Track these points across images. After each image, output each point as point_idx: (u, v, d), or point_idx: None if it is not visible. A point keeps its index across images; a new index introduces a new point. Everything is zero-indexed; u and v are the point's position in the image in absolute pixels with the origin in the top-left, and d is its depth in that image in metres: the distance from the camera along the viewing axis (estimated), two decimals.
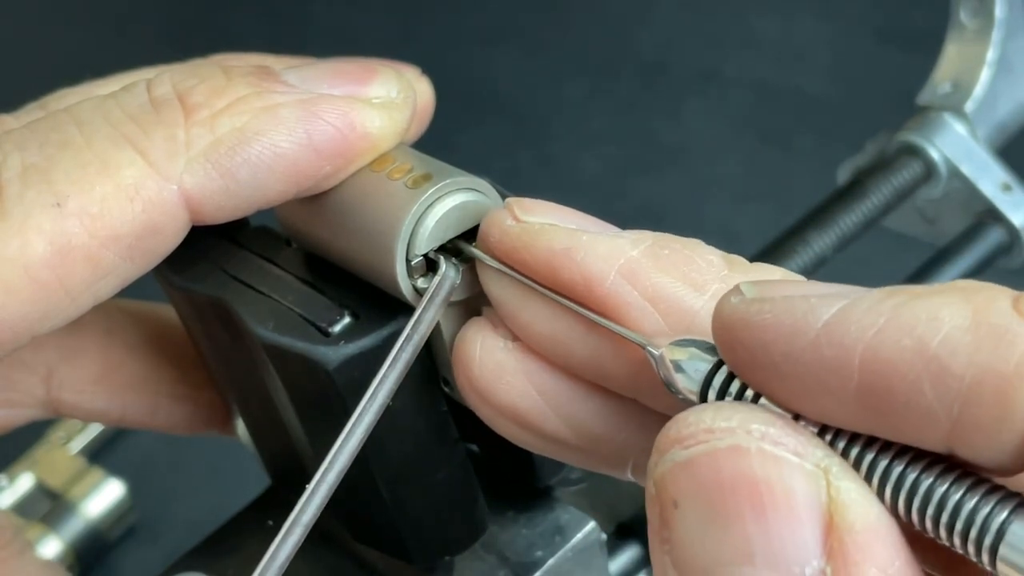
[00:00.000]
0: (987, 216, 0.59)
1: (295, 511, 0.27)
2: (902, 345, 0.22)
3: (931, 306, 0.22)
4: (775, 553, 0.23)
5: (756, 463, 0.23)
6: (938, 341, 0.22)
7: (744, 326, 0.24)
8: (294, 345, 0.31)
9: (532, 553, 0.37)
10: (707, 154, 0.92)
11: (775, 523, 0.23)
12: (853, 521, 0.23)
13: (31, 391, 0.40)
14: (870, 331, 0.22)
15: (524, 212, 0.29)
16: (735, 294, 0.25)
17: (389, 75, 0.33)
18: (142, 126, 0.30)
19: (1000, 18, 0.59)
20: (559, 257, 0.28)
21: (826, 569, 0.22)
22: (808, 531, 0.23)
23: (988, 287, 0.23)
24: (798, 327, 0.23)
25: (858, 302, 0.23)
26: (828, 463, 0.23)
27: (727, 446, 0.23)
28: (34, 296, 0.29)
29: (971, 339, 0.22)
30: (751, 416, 0.24)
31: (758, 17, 1.02)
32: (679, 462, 0.24)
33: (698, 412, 0.24)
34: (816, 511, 0.23)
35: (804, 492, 0.23)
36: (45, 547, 0.67)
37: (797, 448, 0.23)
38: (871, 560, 0.22)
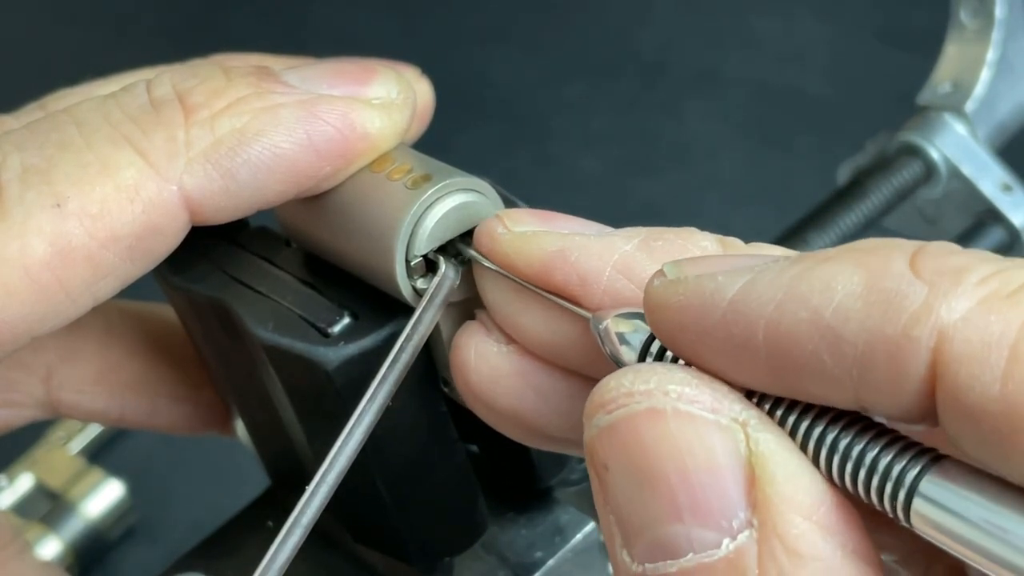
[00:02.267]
0: (987, 216, 0.59)
1: (295, 512, 0.27)
2: (799, 317, 0.23)
3: (825, 274, 0.23)
4: (702, 509, 0.23)
5: (673, 423, 0.24)
6: (831, 310, 0.22)
7: (664, 308, 0.25)
8: (293, 346, 0.31)
9: (532, 554, 0.37)
10: (707, 154, 0.92)
11: (697, 480, 0.23)
12: (774, 471, 0.23)
13: (31, 391, 0.40)
14: (770, 306, 0.23)
15: (514, 223, 0.29)
16: (658, 276, 0.25)
17: (389, 75, 0.33)
18: (142, 127, 0.30)
19: (1000, 18, 0.59)
20: (553, 259, 0.28)
21: (752, 520, 0.23)
22: (731, 484, 0.23)
23: (885, 245, 0.23)
24: (707, 306, 0.24)
25: (761, 276, 0.24)
26: (746, 416, 0.24)
27: (645, 408, 0.24)
28: (34, 297, 0.29)
29: (862, 305, 0.22)
30: (668, 377, 0.24)
31: (758, 17, 1.02)
32: (603, 427, 0.25)
33: (618, 376, 0.25)
34: (737, 464, 0.23)
35: (723, 447, 0.24)
36: (45, 547, 0.67)
37: (713, 405, 0.24)
38: (795, 508, 0.23)
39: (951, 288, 0.22)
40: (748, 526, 0.23)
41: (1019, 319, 0.21)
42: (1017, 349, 0.21)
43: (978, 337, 0.21)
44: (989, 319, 0.21)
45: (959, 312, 0.21)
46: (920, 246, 0.23)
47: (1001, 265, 0.22)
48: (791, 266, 0.24)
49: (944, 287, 0.22)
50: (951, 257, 0.22)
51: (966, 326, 0.21)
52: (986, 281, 0.22)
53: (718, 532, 0.23)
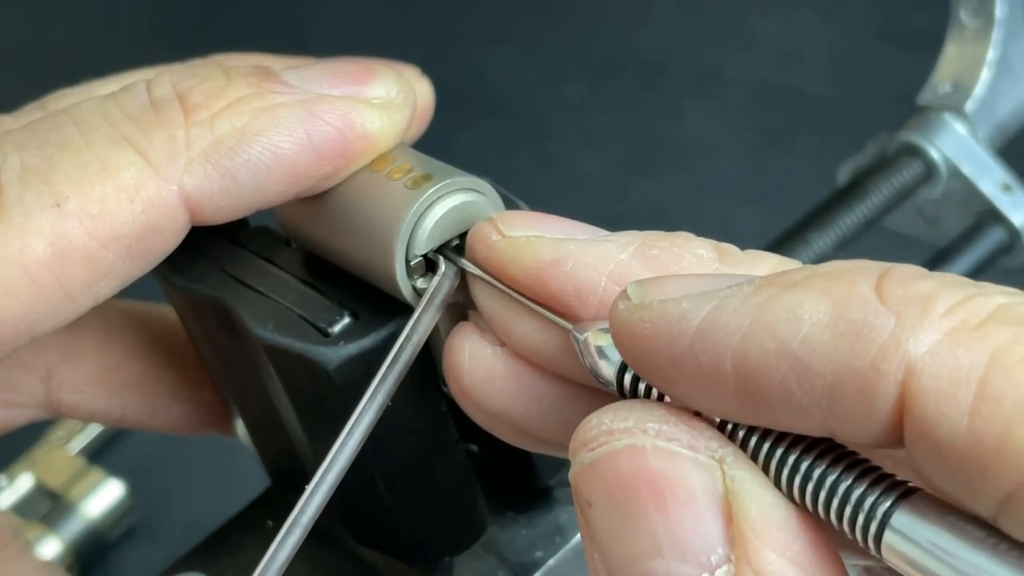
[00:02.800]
0: (987, 216, 0.59)
1: (295, 511, 0.27)
2: (766, 348, 0.23)
3: (792, 303, 0.23)
4: (681, 545, 0.23)
5: (652, 460, 0.24)
6: (798, 342, 0.22)
7: (630, 335, 0.25)
8: (293, 345, 0.31)
9: (532, 553, 0.37)
10: (707, 154, 0.92)
11: (677, 516, 0.24)
12: (748, 508, 0.23)
13: (31, 391, 0.40)
14: (737, 335, 0.23)
15: (508, 227, 0.29)
16: (622, 298, 0.25)
17: (389, 75, 0.33)
18: (142, 127, 0.30)
19: (1000, 18, 0.59)
20: (548, 269, 0.28)
21: (730, 555, 0.23)
22: (709, 521, 0.23)
23: (850, 270, 0.23)
24: (673, 334, 0.24)
25: (726, 302, 0.24)
26: (723, 454, 0.24)
27: (625, 446, 0.24)
28: (34, 297, 0.29)
29: (829, 336, 0.22)
30: (646, 415, 0.25)
31: (758, 17, 1.02)
32: (586, 464, 0.25)
33: (599, 414, 0.25)
34: (714, 501, 0.24)
35: (701, 484, 0.24)
36: (45, 547, 0.67)
37: (691, 442, 0.24)
38: (769, 545, 0.23)
39: (918, 320, 0.22)
40: (726, 561, 0.23)
41: (986, 354, 0.21)
42: (984, 385, 0.21)
43: (946, 372, 0.21)
44: (957, 353, 0.21)
45: (926, 345, 0.21)
46: (886, 270, 0.23)
47: (967, 292, 0.22)
48: (757, 292, 0.23)
49: (911, 318, 0.22)
50: (917, 283, 0.22)
51: (934, 360, 0.21)
52: (953, 311, 0.22)
53: (697, 568, 0.23)
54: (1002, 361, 0.21)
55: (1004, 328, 0.21)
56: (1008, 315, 0.22)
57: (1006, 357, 0.21)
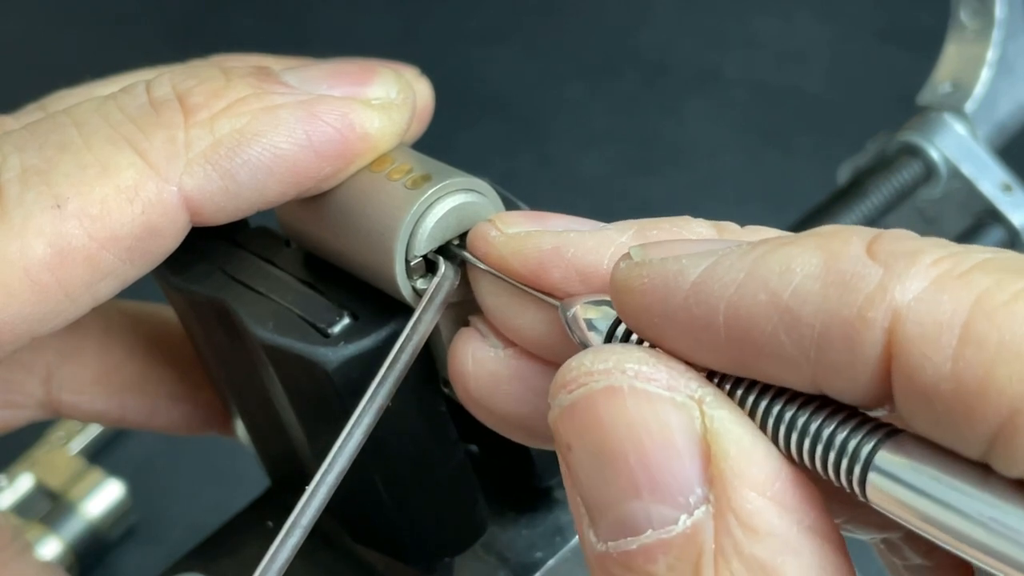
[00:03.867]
0: (987, 216, 0.59)
1: (294, 512, 0.27)
2: (758, 299, 0.23)
3: (785, 257, 0.23)
4: (659, 485, 0.24)
5: (630, 400, 0.24)
6: (790, 292, 0.23)
7: (628, 290, 0.25)
8: (293, 346, 0.31)
9: (532, 554, 0.37)
10: (707, 154, 0.92)
11: (654, 456, 0.24)
12: (727, 447, 0.24)
13: (30, 392, 0.40)
14: (731, 288, 0.23)
15: (508, 225, 0.29)
16: (624, 259, 0.26)
17: (388, 76, 0.33)
18: (142, 127, 0.30)
19: (1000, 18, 0.59)
20: (549, 256, 0.28)
21: (709, 496, 0.23)
22: (687, 461, 0.24)
23: (845, 230, 0.24)
24: (670, 288, 0.24)
25: (724, 258, 0.24)
26: (702, 394, 0.24)
27: (603, 387, 0.25)
28: (34, 298, 0.29)
29: (819, 287, 0.23)
30: (626, 356, 0.25)
31: (758, 17, 1.02)
32: (565, 406, 0.25)
33: (579, 357, 0.25)
34: (693, 441, 0.24)
35: (679, 424, 0.24)
36: (45, 547, 0.67)
37: (669, 382, 0.24)
38: (748, 484, 0.23)
39: (905, 270, 0.22)
40: (705, 502, 0.23)
41: (970, 298, 0.21)
42: (968, 329, 0.21)
43: (930, 317, 0.21)
44: (941, 299, 0.21)
45: (912, 293, 0.22)
46: (879, 232, 0.23)
47: (954, 249, 0.23)
48: (753, 249, 0.24)
49: (898, 269, 0.22)
50: (907, 241, 0.23)
51: (919, 306, 0.22)
52: (939, 263, 0.22)
53: (675, 508, 0.23)
54: (984, 305, 0.21)
55: (987, 276, 0.22)
56: (991, 265, 0.22)
57: (988, 301, 0.21)
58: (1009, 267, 0.22)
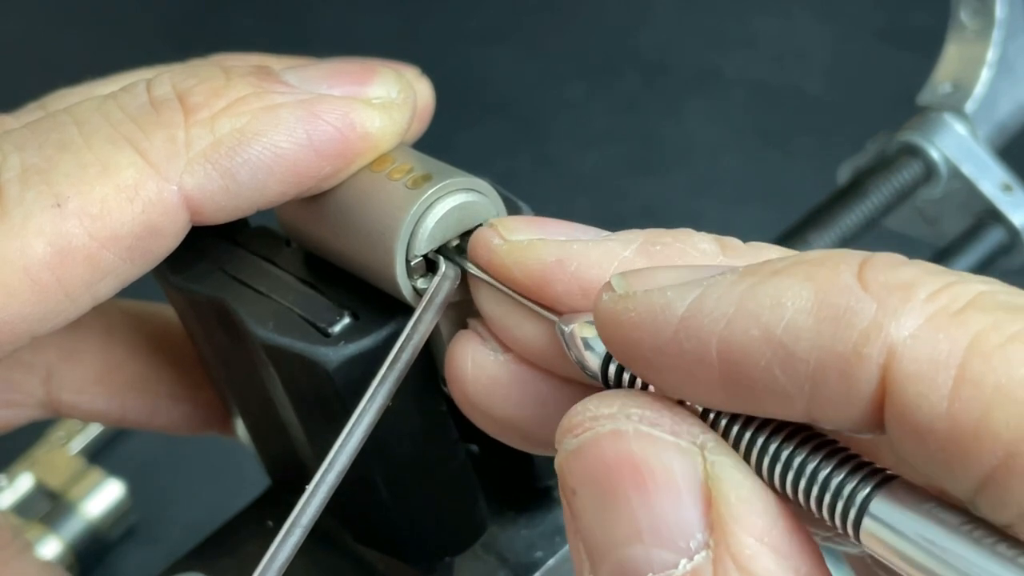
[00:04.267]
0: (987, 216, 0.59)
1: (295, 512, 0.27)
2: (751, 335, 0.23)
3: (775, 290, 0.23)
4: (661, 530, 0.24)
5: (635, 445, 0.24)
6: (782, 328, 0.23)
7: (614, 325, 0.25)
8: (294, 345, 0.31)
9: (532, 553, 0.37)
10: (707, 154, 0.92)
11: (657, 501, 0.24)
12: (727, 493, 0.24)
13: (31, 392, 0.40)
14: (722, 322, 0.23)
15: (510, 232, 0.29)
16: (606, 290, 0.25)
17: (389, 75, 0.33)
18: (142, 126, 0.30)
19: (1000, 18, 0.59)
20: (551, 270, 0.28)
21: (709, 541, 0.23)
22: (689, 506, 0.24)
23: (833, 258, 0.23)
24: (658, 323, 0.24)
25: (711, 290, 0.24)
26: (704, 440, 0.24)
27: (609, 431, 0.25)
28: (34, 297, 0.29)
29: (812, 322, 0.22)
30: (630, 401, 0.25)
31: (758, 17, 1.02)
32: (571, 451, 0.25)
33: (585, 401, 0.25)
34: (695, 486, 0.24)
35: (681, 469, 0.24)
36: (45, 547, 0.67)
37: (673, 427, 0.24)
38: (747, 530, 0.23)
39: (900, 305, 0.22)
40: (705, 547, 0.23)
41: (966, 338, 0.21)
42: (964, 369, 0.21)
43: (926, 356, 0.21)
44: (937, 338, 0.21)
45: (908, 330, 0.22)
46: (867, 257, 0.23)
47: (948, 279, 0.22)
48: (741, 280, 0.24)
49: (893, 304, 0.22)
50: (899, 270, 0.23)
51: (915, 344, 0.22)
52: (934, 297, 0.22)
53: (676, 553, 0.24)
54: (981, 346, 0.21)
55: (984, 314, 0.22)
56: (988, 302, 0.22)
57: (985, 343, 0.21)
58: (1004, 304, 0.22)
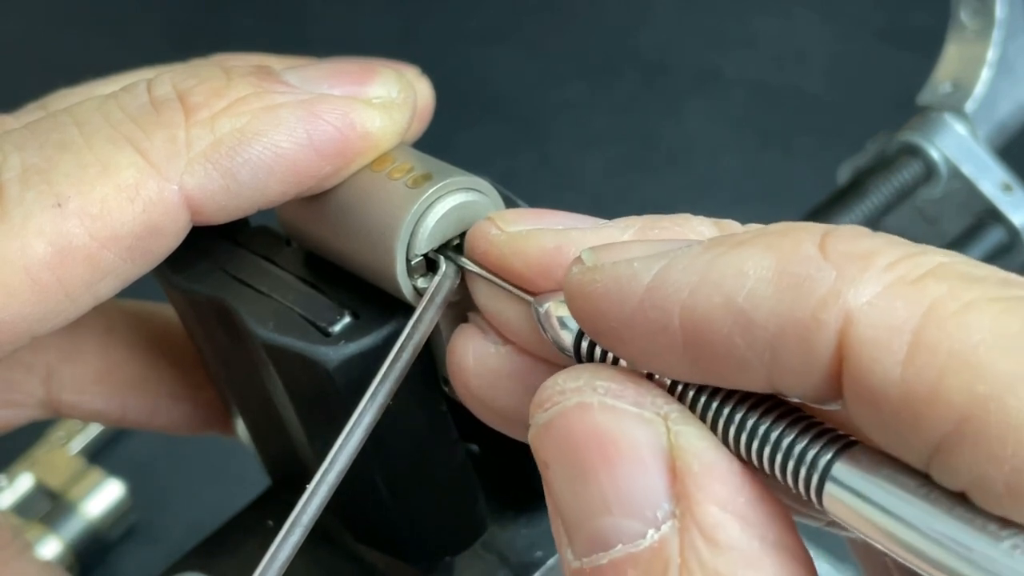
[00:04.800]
0: (987, 216, 0.59)
1: (295, 511, 0.27)
2: (713, 302, 0.23)
3: (738, 259, 0.23)
4: (628, 501, 0.24)
5: (599, 417, 0.25)
6: (744, 295, 0.23)
7: (582, 296, 0.25)
8: (294, 345, 0.31)
9: (532, 553, 0.37)
10: (707, 154, 0.92)
11: (623, 472, 0.24)
12: (691, 463, 0.24)
13: (31, 392, 0.40)
14: (685, 291, 0.24)
15: (507, 223, 0.29)
16: (576, 263, 0.26)
17: (389, 75, 0.33)
18: (142, 126, 0.30)
19: (1000, 18, 0.59)
20: (551, 256, 0.28)
21: (675, 510, 0.24)
22: (655, 477, 0.24)
23: (796, 229, 0.24)
24: (624, 293, 0.24)
25: (676, 261, 0.24)
26: (668, 410, 0.25)
27: (575, 404, 0.25)
28: (34, 297, 0.29)
29: (773, 291, 0.23)
30: (596, 374, 0.25)
31: (758, 17, 1.02)
32: (541, 425, 0.25)
33: (555, 376, 0.26)
34: (659, 457, 0.24)
35: (646, 440, 0.24)
36: (45, 547, 0.67)
37: (637, 399, 0.25)
38: (711, 498, 0.24)
39: (859, 273, 0.22)
40: (671, 517, 0.24)
41: (923, 305, 0.21)
42: (919, 335, 0.21)
43: (882, 322, 0.22)
44: (894, 304, 0.22)
45: (866, 297, 0.22)
46: (830, 229, 0.23)
47: (909, 250, 0.23)
48: (706, 251, 0.24)
49: (852, 272, 0.22)
50: (860, 240, 0.23)
51: (871, 311, 0.22)
52: (894, 266, 0.22)
53: (643, 523, 0.24)
54: (937, 313, 0.21)
55: (941, 283, 0.22)
56: (947, 272, 0.22)
57: (941, 309, 0.21)
58: (962, 274, 0.22)
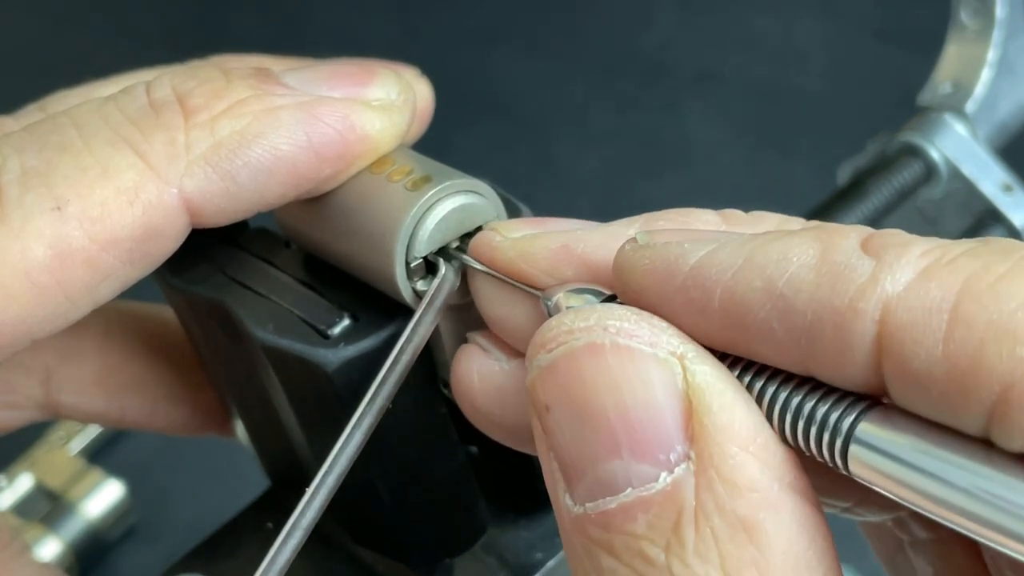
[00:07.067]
0: (987, 216, 0.59)
1: (295, 514, 0.27)
2: (754, 286, 0.23)
3: (783, 247, 0.23)
4: (640, 443, 0.23)
5: (611, 357, 0.24)
6: (784, 280, 0.23)
7: (629, 271, 0.25)
8: (293, 347, 0.31)
9: (532, 555, 0.37)
10: (707, 154, 0.92)
11: (636, 414, 0.24)
12: (710, 402, 0.23)
13: (30, 393, 0.39)
14: (728, 273, 0.24)
15: (510, 231, 0.29)
16: (631, 242, 0.26)
17: (388, 77, 0.33)
18: (142, 129, 0.30)
19: (1001, 18, 0.58)
20: (558, 255, 0.28)
21: (690, 452, 0.23)
22: (669, 417, 0.23)
23: (845, 227, 0.24)
24: (670, 271, 0.25)
25: (724, 246, 0.24)
26: (684, 350, 0.24)
27: (584, 344, 0.24)
28: (34, 300, 0.29)
29: (813, 277, 0.23)
30: (607, 313, 0.25)
31: (758, 17, 1.02)
32: (544, 366, 0.25)
33: (559, 316, 0.25)
34: (674, 397, 0.24)
35: (660, 380, 0.24)
36: (44, 548, 0.67)
37: (651, 338, 0.24)
38: (731, 439, 0.23)
39: (895, 260, 0.22)
40: (685, 459, 0.23)
41: (957, 283, 0.22)
42: (956, 311, 0.21)
43: (919, 304, 0.22)
44: (929, 286, 0.22)
45: (902, 283, 0.22)
46: (876, 231, 0.24)
47: (944, 241, 0.23)
48: (753, 238, 0.24)
49: (889, 260, 0.22)
50: (899, 236, 0.23)
51: (908, 296, 0.22)
52: (928, 253, 0.22)
53: (656, 466, 0.23)
54: (972, 287, 0.21)
55: (975, 259, 0.22)
56: (979, 250, 0.22)
57: (976, 283, 0.21)
58: (996, 250, 0.22)
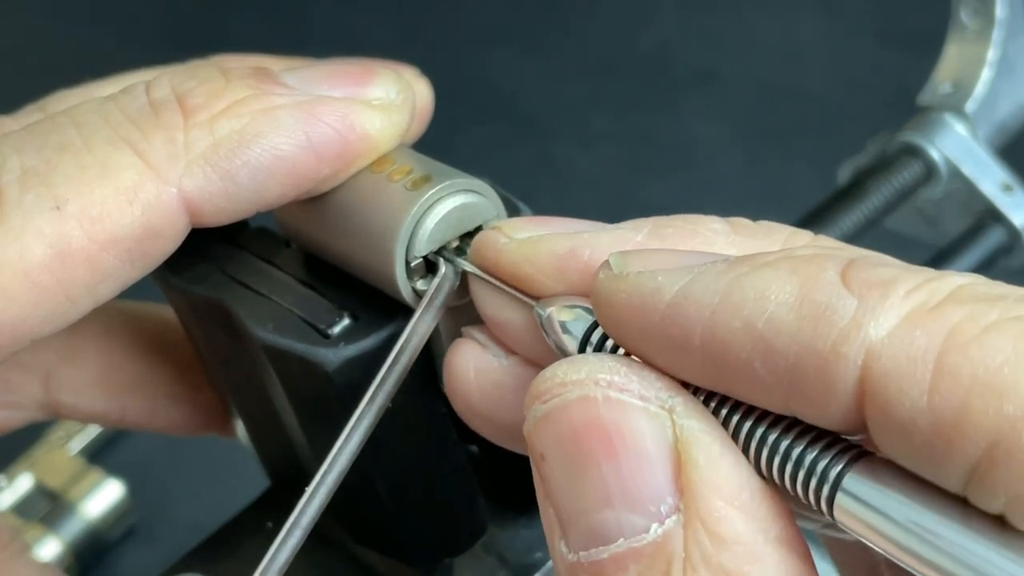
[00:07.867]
0: (987, 216, 0.59)
1: (294, 513, 0.27)
2: (733, 326, 0.23)
3: (760, 283, 0.23)
4: (631, 494, 0.24)
5: (603, 410, 0.24)
6: (764, 321, 0.23)
7: (607, 304, 0.25)
8: (293, 347, 0.31)
9: (532, 554, 0.37)
10: (707, 154, 0.92)
11: (626, 466, 0.24)
12: (697, 456, 0.24)
13: (30, 393, 0.39)
14: (706, 311, 0.24)
15: (514, 231, 0.29)
16: (604, 268, 0.26)
17: (388, 76, 0.33)
18: (141, 128, 0.30)
19: (1001, 18, 0.59)
20: (565, 260, 0.28)
21: (679, 505, 0.23)
22: (659, 470, 0.24)
23: (820, 255, 0.24)
24: (647, 306, 0.25)
25: (699, 278, 0.24)
26: (673, 403, 0.24)
27: (577, 397, 0.25)
28: (34, 300, 0.29)
29: (793, 318, 0.23)
30: (598, 366, 0.25)
31: (758, 17, 1.02)
32: (539, 417, 0.25)
33: (553, 367, 0.25)
34: (664, 450, 0.24)
35: (650, 433, 0.24)
36: (44, 548, 0.67)
37: (641, 392, 0.24)
38: (716, 492, 0.23)
39: (879, 303, 0.22)
40: (675, 511, 0.24)
41: (943, 332, 0.21)
42: (941, 362, 0.21)
43: (904, 353, 0.21)
44: (914, 334, 0.22)
45: (886, 328, 0.22)
46: (854, 257, 0.23)
47: (928, 275, 0.23)
48: (729, 270, 0.24)
49: (872, 301, 0.22)
50: (880, 269, 0.23)
51: (892, 342, 0.22)
52: (911, 294, 0.22)
53: (646, 517, 0.24)
54: (958, 339, 0.21)
55: (960, 307, 0.22)
56: (965, 295, 0.22)
57: (961, 335, 0.21)
58: (980, 296, 0.22)
